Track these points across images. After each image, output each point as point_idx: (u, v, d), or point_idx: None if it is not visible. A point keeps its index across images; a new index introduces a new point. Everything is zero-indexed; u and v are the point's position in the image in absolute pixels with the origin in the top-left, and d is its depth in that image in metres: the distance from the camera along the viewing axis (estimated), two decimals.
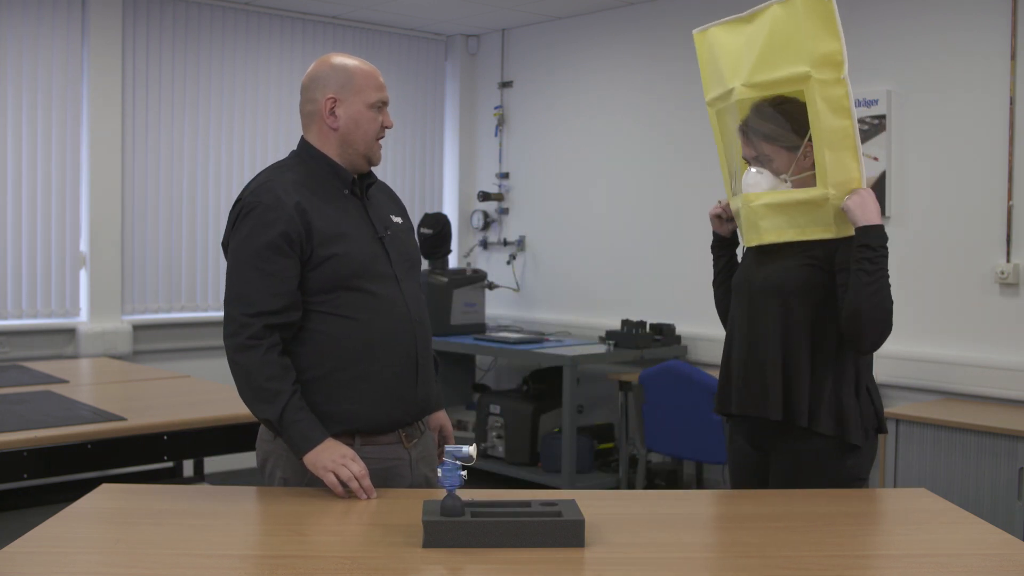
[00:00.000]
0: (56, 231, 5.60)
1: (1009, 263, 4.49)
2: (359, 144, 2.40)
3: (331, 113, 2.38)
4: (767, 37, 2.52)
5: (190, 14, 6.00)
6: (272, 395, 2.26)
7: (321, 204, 2.35)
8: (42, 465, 3.07)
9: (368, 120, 2.40)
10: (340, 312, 2.33)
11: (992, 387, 4.52)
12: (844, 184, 2.45)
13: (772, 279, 2.55)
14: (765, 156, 2.55)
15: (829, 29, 2.45)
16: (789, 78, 2.47)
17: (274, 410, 2.25)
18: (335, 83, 2.39)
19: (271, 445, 2.39)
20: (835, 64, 2.44)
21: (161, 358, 5.88)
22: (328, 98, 2.38)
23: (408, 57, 6.91)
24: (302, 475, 2.32)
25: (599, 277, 6.32)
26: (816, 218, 2.48)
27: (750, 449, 2.65)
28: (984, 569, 1.88)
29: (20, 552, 1.87)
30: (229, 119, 6.16)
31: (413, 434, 2.45)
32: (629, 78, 6.15)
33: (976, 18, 4.60)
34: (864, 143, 4.92)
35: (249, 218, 2.31)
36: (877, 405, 2.56)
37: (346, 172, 2.42)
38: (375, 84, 2.42)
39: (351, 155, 2.41)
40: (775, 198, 2.53)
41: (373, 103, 2.40)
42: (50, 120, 5.56)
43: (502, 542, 1.91)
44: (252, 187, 2.37)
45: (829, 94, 2.44)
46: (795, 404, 2.50)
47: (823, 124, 2.43)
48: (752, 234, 2.59)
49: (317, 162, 2.41)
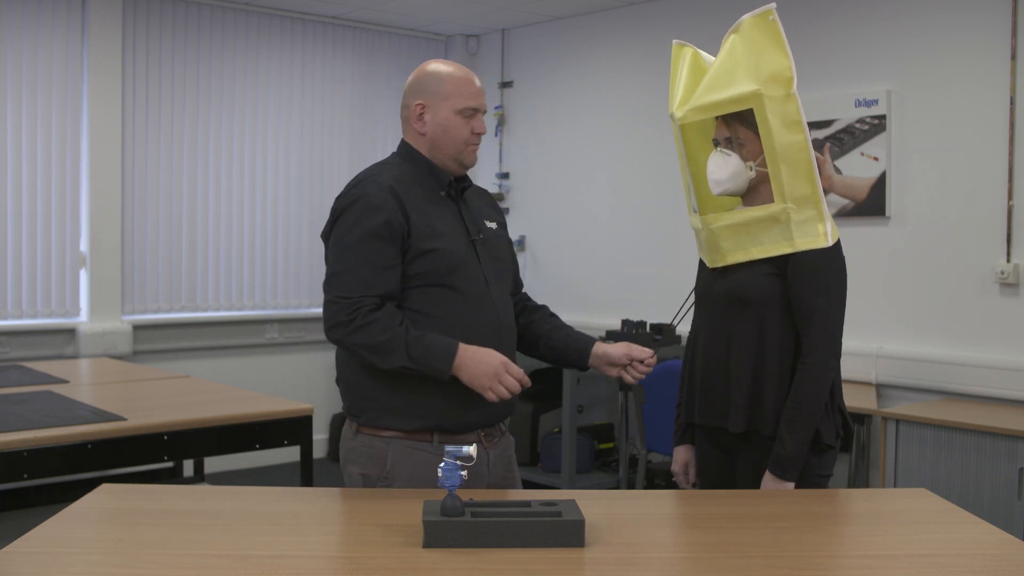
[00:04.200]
0: (56, 231, 5.60)
1: (1009, 263, 4.49)
2: (448, 149, 2.43)
3: (419, 118, 2.44)
4: (717, 63, 2.57)
5: (190, 14, 6.00)
6: (390, 346, 2.27)
7: (419, 201, 2.38)
8: (42, 465, 3.07)
9: (456, 126, 2.42)
10: (429, 310, 2.35)
11: (992, 387, 4.52)
12: (802, 199, 2.49)
13: (734, 290, 2.57)
14: (738, 139, 2.56)
15: (776, 46, 2.49)
16: (738, 97, 2.49)
17: (400, 357, 2.26)
18: (426, 89, 2.44)
19: (352, 443, 2.42)
20: (784, 80, 2.47)
21: (161, 358, 5.88)
22: (417, 103, 2.44)
23: (408, 57, 6.90)
24: (381, 470, 2.35)
25: (599, 277, 6.33)
26: (777, 234, 2.51)
27: (716, 452, 2.67)
28: (984, 569, 1.88)
29: (20, 552, 1.87)
30: (229, 119, 6.16)
31: (493, 434, 2.49)
32: (629, 78, 6.15)
33: (976, 18, 4.60)
34: (864, 143, 4.94)
35: (355, 208, 2.35)
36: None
37: (443, 173, 2.46)
38: (467, 91, 2.43)
39: (442, 159, 2.45)
40: (734, 218, 2.57)
41: (462, 109, 2.42)
42: (50, 120, 5.56)
43: (502, 542, 1.91)
44: (356, 181, 2.42)
45: (781, 110, 2.47)
46: (761, 414, 2.52)
47: (776, 140, 2.47)
48: (715, 255, 2.62)
49: (416, 162, 2.45)
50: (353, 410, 2.43)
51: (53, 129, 5.57)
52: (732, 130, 2.56)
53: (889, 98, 4.87)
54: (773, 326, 2.52)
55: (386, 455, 2.37)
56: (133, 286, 5.86)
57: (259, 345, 6.29)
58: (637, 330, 5.62)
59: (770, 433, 2.50)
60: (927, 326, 4.76)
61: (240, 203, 6.23)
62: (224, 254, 6.19)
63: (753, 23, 2.50)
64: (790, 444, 2.45)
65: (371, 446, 2.38)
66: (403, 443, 2.36)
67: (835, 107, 4.96)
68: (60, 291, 5.63)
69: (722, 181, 2.57)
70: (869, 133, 4.92)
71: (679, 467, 2.79)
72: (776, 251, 2.51)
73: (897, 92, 4.87)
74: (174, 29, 5.94)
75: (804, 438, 2.46)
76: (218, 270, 6.17)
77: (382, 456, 2.37)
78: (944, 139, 4.72)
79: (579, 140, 6.45)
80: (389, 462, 2.36)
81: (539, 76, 6.69)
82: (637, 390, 4.71)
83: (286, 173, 6.36)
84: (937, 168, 4.75)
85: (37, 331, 5.56)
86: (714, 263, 2.63)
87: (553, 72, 6.59)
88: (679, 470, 2.79)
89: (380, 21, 6.63)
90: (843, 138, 5.00)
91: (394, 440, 2.37)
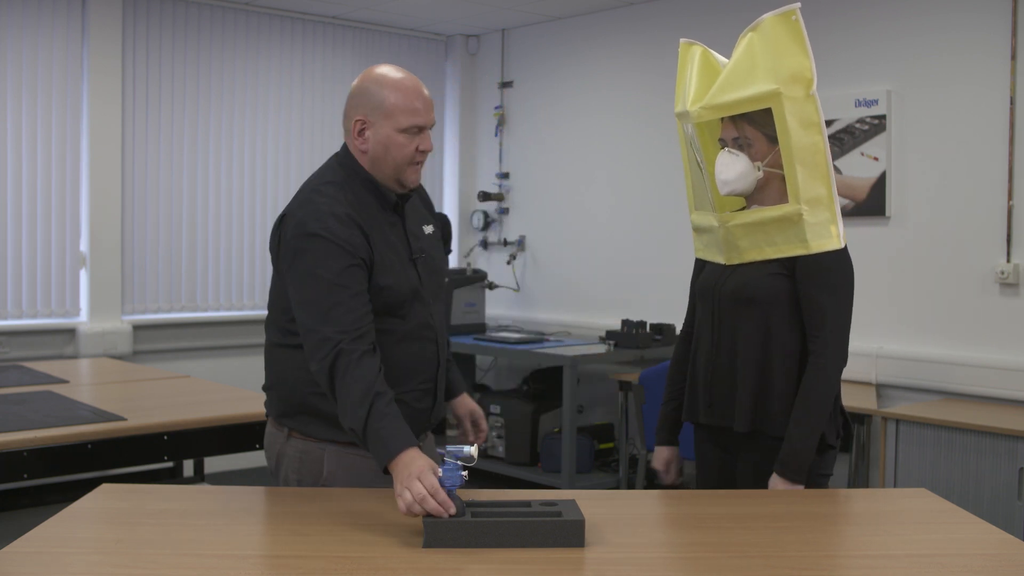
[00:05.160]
0: (56, 231, 5.60)
1: (1009, 263, 4.49)
2: (388, 169, 2.31)
3: (360, 135, 2.30)
4: (734, 61, 2.55)
5: (190, 14, 6.00)
6: (355, 406, 2.13)
7: (372, 228, 2.29)
8: (42, 465, 3.07)
9: (398, 146, 2.28)
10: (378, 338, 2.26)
11: (992, 387, 4.52)
12: (816, 201, 2.48)
13: (741, 289, 2.57)
14: (746, 139, 2.56)
15: (798, 46, 2.47)
16: (757, 96, 2.48)
17: (355, 421, 2.12)
18: (367, 103, 2.28)
19: (282, 447, 2.39)
20: (805, 81, 2.47)
21: (161, 358, 5.88)
22: (357, 119, 2.29)
23: (408, 57, 6.90)
24: (317, 477, 2.33)
25: (599, 277, 6.32)
26: (791, 235, 2.50)
27: (717, 452, 2.67)
28: (984, 569, 1.88)
29: (20, 552, 1.87)
30: (229, 119, 6.16)
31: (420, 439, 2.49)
32: (629, 78, 6.15)
33: (976, 18, 4.60)
34: (864, 143, 4.94)
35: (321, 244, 2.21)
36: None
37: (388, 193, 2.35)
38: (411, 107, 2.26)
39: (383, 177, 2.34)
40: (749, 217, 2.56)
41: (406, 128, 2.27)
42: (50, 120, 5.56)
43: (502, 542, 1.91)
44: (312, 211, 2.25)
45: (799, 110, 2.46)
46: (767, 414, 2.52)
47: (793, 140, 2.46)
48: (732, 253, 2.62)
49: (360, 179, 2.33)
50: (285, 416, 2.37)
51: (53, 129, 5.57)
52: (740, 130, 2.56)
53: (889, 98, 4.87)
54: (779, 326, 2.51)
55: (322, 460, 2.34)
56: (133, 286, 5.86)
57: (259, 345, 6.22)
58: (637, 330, 5.62)
59: (774, 433, 2.50)
60: (927, 326, 4.76)
61: (240, 203, 6.23)
62: (224, 254, 6.19)
63: (775, 22, 2.48)
64: (799, 444, 2.45)
65: (304, 451, 2.35)
66: (339, 448, 2.33)
67: (835, 107, 4.96)
68: (60, 291, 5.63)
69: (729, 181, 2.56)
70: (869, 133, 4.92)
71: (661, 465, 2.80)
72: (790, 252, 2.51)
73: (897, 92, 4.87)
74: (174, 29, 5.94)
75: (813, 438, 2.46)
76: (218, 270, 6.17)
77: (318, 461, 2.34)
78: (944, 139, 4.72)
79: (579, 140, 6.45)
80: (326, 468, 2.34)
81: (539, 76, 6.69)
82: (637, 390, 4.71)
83: (286, 173, 6.36)
84: (937, 168, 4.75)
85: (37, 331, 5.55)
86: (731, 260, 2.62)
87: (553, 72, 6.59)
88: (661, 468, 2.80)
89: (380, 21, 6.63)
90: (843, 138, 5.00)
91: (328, 445, 2.33)
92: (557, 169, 6.59)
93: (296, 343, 2.29)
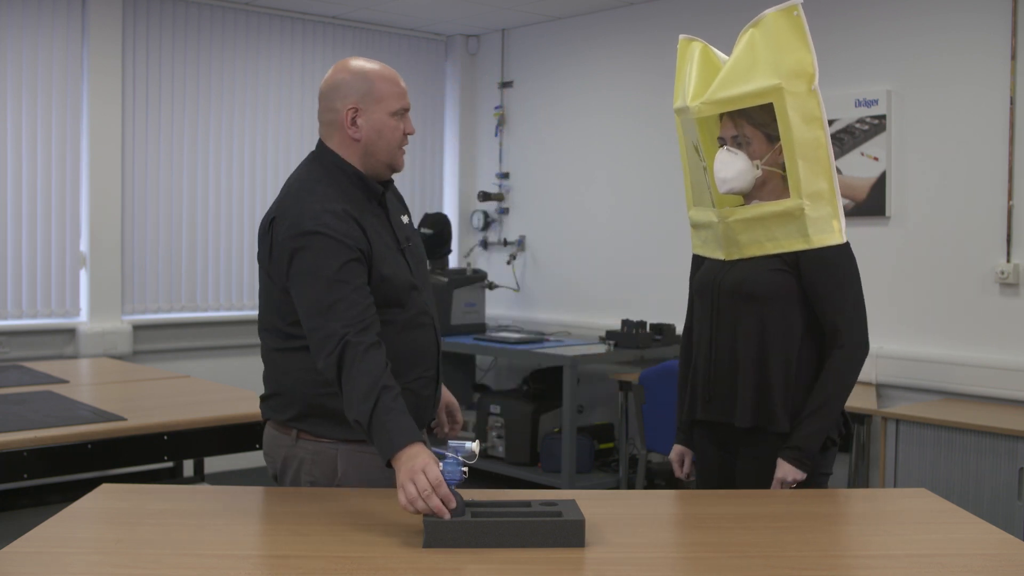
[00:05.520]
0: (56, 231, 5.60)
1: (1009, 263, 4.49)
2: (382, 154, 2.36)
3: (353, 123, 2.34)
4: (736, 57, 2.55)
5: (190, 14, 6.00)
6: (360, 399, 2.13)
7: (365, 221, 2.31)
8: (42, 465, 3.07)
9: (391, 129, 2.35)
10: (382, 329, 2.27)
11: (992, 387, 4.52)
12: (818, 195, 2.48)
13: (741, 284, 2.56)
14: (744, 137, 2.56)
15: (800, 41, 2.48)
16: (758, 91, 2.48)
17: (360, 413, 2.12)
18: (356, 92, 2.34)
19: (290, 450, 2.37)
20: (807, 75, 2.47)
21: (161, 358, 5.88)
22: (349, 108, 2.33)
23: (408, 57, 6.90)
24: (331, 477, 2.33)
25: (599, 277, 6.32)
26: (792, 230, 2.50)
27: (716, 450, 2.67)
28: (984, 569, 1.88)
29: (20, 552, 1.87)
30: (229, 119, 6.16)
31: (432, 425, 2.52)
32: (629, 78, 6.15)
33: (976, 18, 4.60)
34: (864, 143, 4.94)
35: (319, 241, 2.22)
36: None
37: (375, 185, 2.38)
38: (397, 91, 2.37)
39: (374, 164, 2.37)
40: (749, 212, 2.56)
41: (395, 111, 2.35)
42: (50, 120, 5.56)
43: (502, 542, 1.91)
44: (306, 209, 2.27)
45: (801, 105, 2.46)
46: (769, 409, 2.51)
47: (795, 135, 2.46)
48: (733, 248, 2.62)
49: (346, 174, 2.36)
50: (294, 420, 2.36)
51: (53, 129, 5.57)
52: (739, 128, 2.56)
53: (889, 98, 4.87)
54: (779, 321, 2.51)
55: (336, 459, 2.33)
56: (133, 286, 5.86)
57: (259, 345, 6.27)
58: (637, 330, 5.62)
59: (775, 429, 2.50)
60: (927, 326, 4.76)
61: (240, 203, 6.23)
62: (224, 254, 6.19)
63: (777, 17, 2.48)
64: (815, 429, 2.45)
65: (317, 452, 2.34)
66: (351, 447, 2.32)
67: (835, 107, 4.96)
68: (60, 291, 5.63)
69: (728, 179, 2.56)
70: (869, 133, 4.92)
71: (676, 458, 2.80)
72: (791, 247, 2.51)
73: (897, 92, 4.87)
74: (174, 29, 5.94)
75: (828, 426, 2.46)
76: (218, 270, 6.17)
77: (331, 460, 2.33)
78: (944, 139, 4.72)
79: (579, 140, 6.45)
80: (340, 468, 2.33)
81: (539, 76, 6.69)
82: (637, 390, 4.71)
83: (286, 173, 6.31)
84: (937, 168, 4.75)
85: (37, 331, 5.56)
86: (731, 256, 2.62)
87: (553, 72, 6.59)
88: (676, 460, 2.80)
89: (380, 21, 6.63)
90: (843, 138, 5.00)
91: (341, 444, 2.33)
92: (557, 169, 6.59)
93: (298, 346, 2.30)
